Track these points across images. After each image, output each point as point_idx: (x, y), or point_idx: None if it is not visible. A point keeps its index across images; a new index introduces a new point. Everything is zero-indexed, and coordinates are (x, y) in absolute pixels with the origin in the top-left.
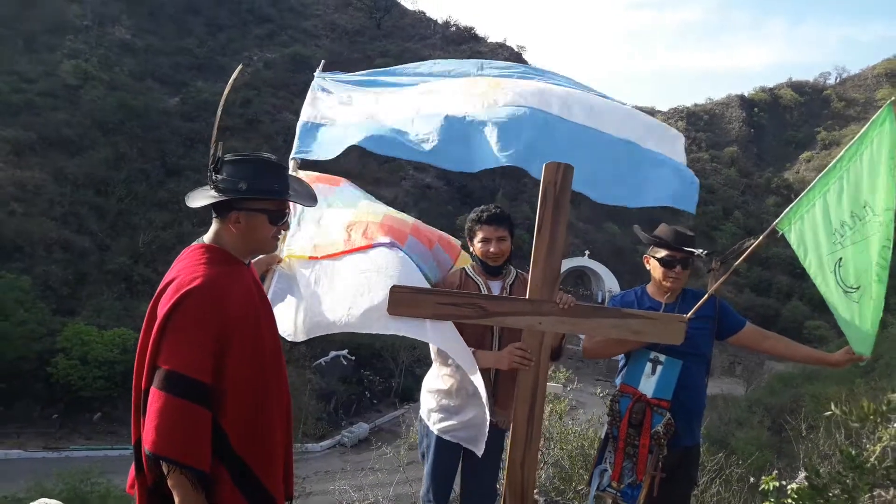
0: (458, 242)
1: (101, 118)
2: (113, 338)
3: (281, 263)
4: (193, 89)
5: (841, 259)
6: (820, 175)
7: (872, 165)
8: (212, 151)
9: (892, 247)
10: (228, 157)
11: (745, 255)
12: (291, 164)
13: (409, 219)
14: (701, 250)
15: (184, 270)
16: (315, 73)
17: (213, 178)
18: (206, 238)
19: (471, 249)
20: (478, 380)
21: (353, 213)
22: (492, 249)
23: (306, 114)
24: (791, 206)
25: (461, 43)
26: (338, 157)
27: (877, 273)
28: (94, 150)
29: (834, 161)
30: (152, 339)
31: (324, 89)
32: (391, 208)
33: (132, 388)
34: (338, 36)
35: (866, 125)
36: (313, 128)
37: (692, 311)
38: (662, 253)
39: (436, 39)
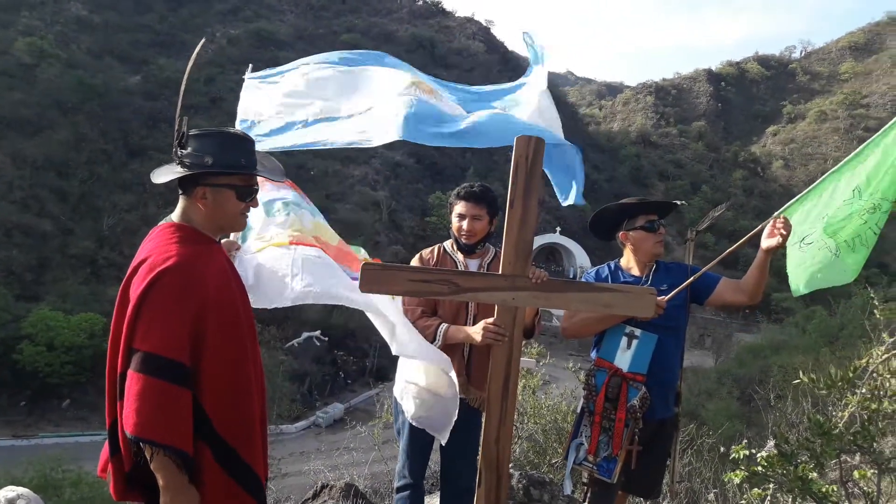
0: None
1: (59, 97)
2: (80, 322)
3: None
4: (155, 67)
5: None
6: (836, 167)
7: (885, 155)
8: (176, 126)
9: (876, 233)
10: (194, 131)
11: (744, 239)
12: None
13: (334, 238)
14: (681, 201)
15: (155, 250)
16: (245, 77)
17: (179, 153)
18: (175, 216)
19: (450, 224)
20: (446, 365)
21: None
22: (465, 227)
23: (241, 111)
24: (799, 195)
25: (429, 17)
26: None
27: (854, 240)
28: (52, 131)
29: (852, 154)
30: (126, 321)
31: (255, 87)
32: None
33: (106, 372)
34: (302, 11)
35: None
36: (250, 126)
37: (673, 292)
38: (643, 221)
39: (403, 14)
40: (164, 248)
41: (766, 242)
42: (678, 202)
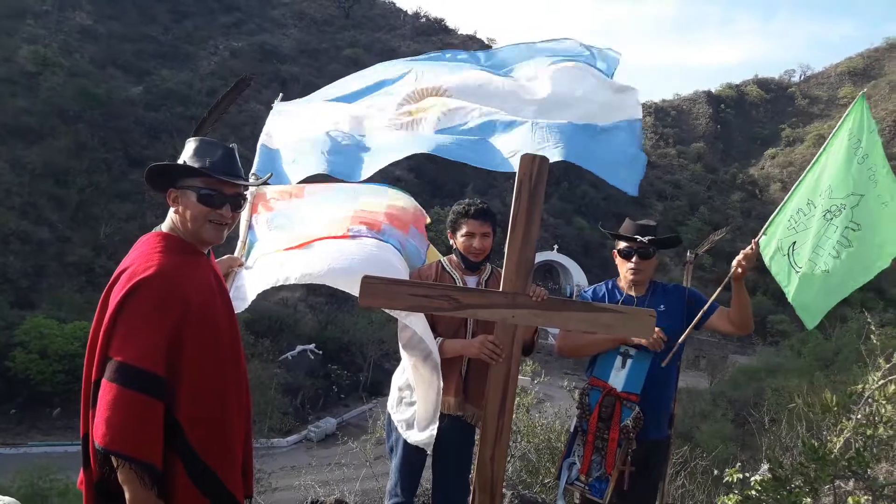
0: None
1: (61, 106)
2: (73, 331)
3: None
4: (158, 78)
5: (795, 243)
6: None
7: (837, 154)
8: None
9: (857, 228)
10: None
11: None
12: (252, 178)
13: (380, 206)
14: (650, 237)
15: (138, 259)
16: (273, 104)
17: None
18: (164, 226)
19: (451, 243)
20: (434, 356)
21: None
22: (475, 245)
23: (264, 138)
24: (771, 217)
25: (431, 34)
26: None
27: (835, 249)
28: (53, 139)
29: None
30: (103, 329)
31: (281, 114)
32: (364, 198)
33: (82, 380)
34: (306, 25)
35: (840, 120)
36: (272, 152)
37: (694, 324)
38: (621, 245)
39: (405, 30)
40: (146, 257)
41: (732, 272)
42: (645, 239)
